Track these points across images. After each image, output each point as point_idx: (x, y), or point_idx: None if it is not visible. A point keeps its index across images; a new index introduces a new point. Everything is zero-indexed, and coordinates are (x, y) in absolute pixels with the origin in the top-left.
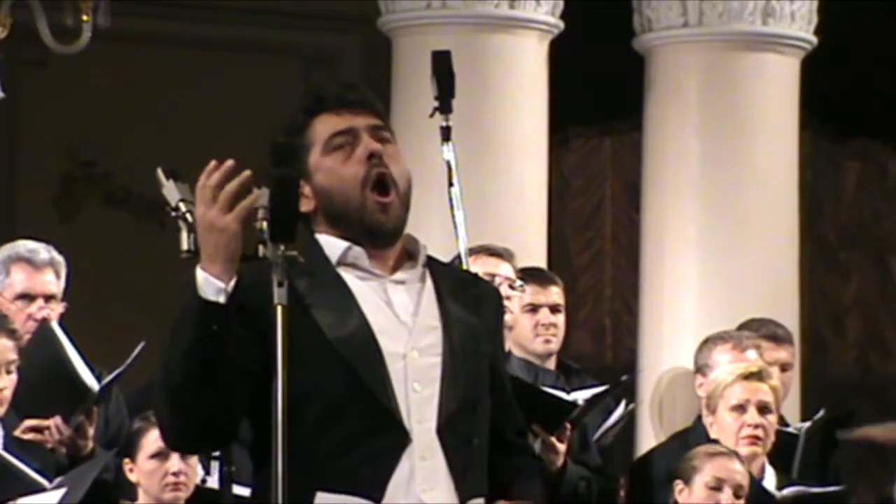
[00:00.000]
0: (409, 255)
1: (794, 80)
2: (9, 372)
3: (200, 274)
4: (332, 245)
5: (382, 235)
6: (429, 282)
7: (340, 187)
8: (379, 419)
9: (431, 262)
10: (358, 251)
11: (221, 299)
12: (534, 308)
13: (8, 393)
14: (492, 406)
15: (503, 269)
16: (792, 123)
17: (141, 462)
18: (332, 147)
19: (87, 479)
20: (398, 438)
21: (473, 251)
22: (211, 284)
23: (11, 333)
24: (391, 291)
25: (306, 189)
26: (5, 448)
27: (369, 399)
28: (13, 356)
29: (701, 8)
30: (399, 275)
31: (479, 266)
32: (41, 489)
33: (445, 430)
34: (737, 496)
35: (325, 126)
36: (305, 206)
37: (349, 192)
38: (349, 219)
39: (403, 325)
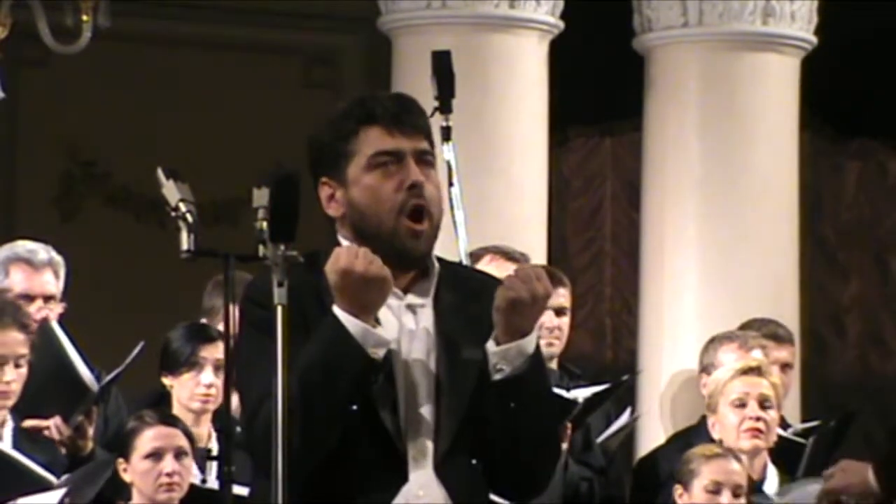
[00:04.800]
0: (424, 270)
1: (794, 80)
2: (18, 366)
3: (356, 324)
4: None
5: (410, 260)
6: (434, 307)
7: (376, 209)
8: (380, 450)
9: (442, 272)
10: (345, 246)
11: (381, 353)
12: None
13: (16, 387)
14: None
15: None
16: (792, 123)
17: (135, 462)
18: (375, 164)
19: (96, 481)
20: (396, 473)
21: (489, 251)
22: (372, 336)
23: (24, 327)
24: (403, 317)
25: (338, 194)
26: (14, 442)
27: (375, 429)
28: (23, 350)
29: (701, 8)
30: (411, 297)
31: (494, 269)
32: (48, 485)
33: (443, 466)
34: (736, 496)
35: (372, 140)
36: (334, 210)
37: (383, 215)
38: (379, 240)
39: (408, 356)
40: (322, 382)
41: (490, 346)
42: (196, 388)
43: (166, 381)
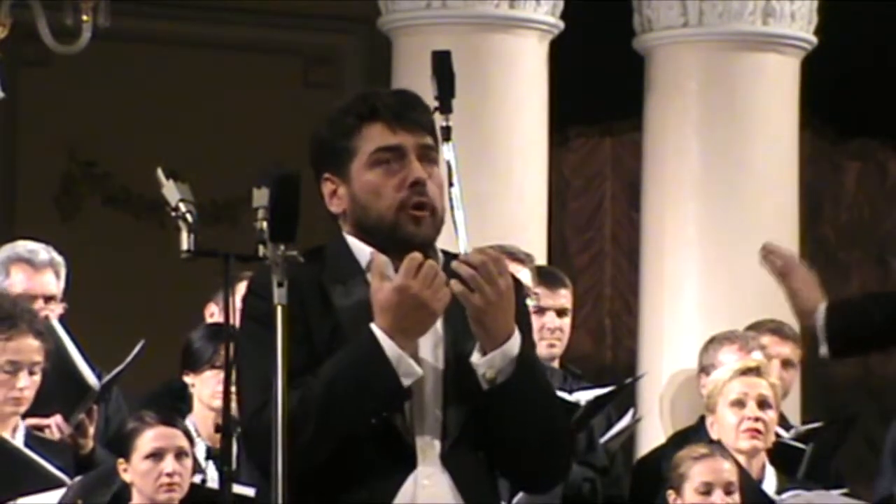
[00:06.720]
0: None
1: (794, 80)
2: (32, 373)
3: (393, 349)
4: (362, 251)
5: (413, 248)
6: None
7: (377, 205)
8: (388, 444)
9: (446, 265)
10: (384, 260)
11: (409, 382)
12: (540, 311)
13: (29, 394)
14: None
15: (522, 275)
16: (792, 123)
17: (135, 462)
18: (376, 161)
19: (110, 485)
20: (403, 466)
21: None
22: (406, 365)
23: (39, 334)
24: None
25: (340, 190)
26: (26, 446)
27: (383, 423)
28: (38, 358)
29: (701, 8)
30: None
31: None
32: (63, 485)
33: (450, 458)
34: (727, 493)
35: (374, 136)
36: (336, 206)
37: (384, 211)
38: (381, 233)
39: (415, 350)
40: (348, 395)
41: (475, 358)
42: (217, 386)
43: (188, 379)
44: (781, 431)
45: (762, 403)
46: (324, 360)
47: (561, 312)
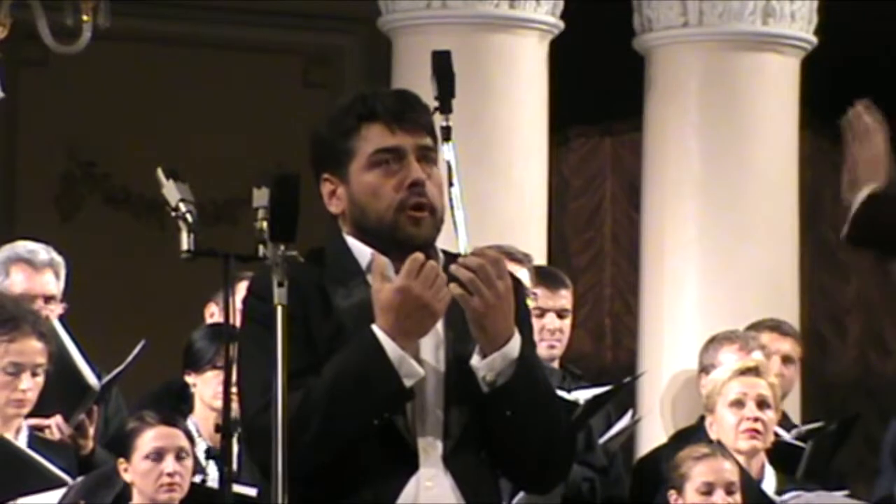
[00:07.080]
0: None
1: (794, 80)
2: (35, 374)
3: (395, 350)
4: (362, 252)
5: (412, 249)
6: None
7: (376, 206)
8: (390, 445)
9: (446, 265)
10: (384, 261)
11: (409, 384)
12: (541, 312)
13: (32, 395)
14: None
15: (520, 275)
16: (792, 123)
17: (136, 462)
18: (376, 162)
19: (112, 486)
20: (406, 467)
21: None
22: (407, 366)
23: (42, 336)
24: None
25: (339, 190)
26: (30, 447)
27: (385, 424)
28: (41, 360)
29: (701, 8)
30: None
31: None
32: (65, 485)
33: (452, 459)
34: (729, 493)
35: (373, 137)
36: (335, 207)
37: (383, 212)
38: (380, 233)
39: (416, 351)
40: (350, 396)
41: (475, 361)
42: (219, 387)
43: (189, 379)
44: (782, 431)
45: (761, 403)
46: (325, 362)
47: (561, 314)
